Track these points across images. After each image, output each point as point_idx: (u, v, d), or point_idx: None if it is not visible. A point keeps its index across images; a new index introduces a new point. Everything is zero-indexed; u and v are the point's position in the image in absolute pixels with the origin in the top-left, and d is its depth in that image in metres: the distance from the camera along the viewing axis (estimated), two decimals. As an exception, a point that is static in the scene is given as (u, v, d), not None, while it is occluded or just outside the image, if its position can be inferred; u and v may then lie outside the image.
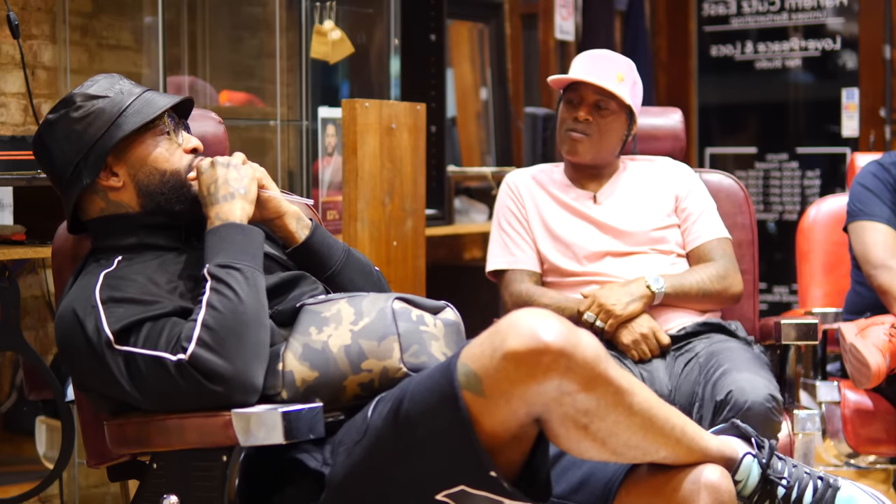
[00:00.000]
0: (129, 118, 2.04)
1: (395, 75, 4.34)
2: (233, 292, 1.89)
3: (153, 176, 2.07)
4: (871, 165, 3.26)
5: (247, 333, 1.87)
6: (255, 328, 1.89)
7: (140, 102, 2.06)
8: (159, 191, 2.07)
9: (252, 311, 1.89)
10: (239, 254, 1.95)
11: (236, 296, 1.89)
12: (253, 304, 1.90)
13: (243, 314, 1.88)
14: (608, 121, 2.92)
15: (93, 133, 2.03)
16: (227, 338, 1.86)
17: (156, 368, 1.88)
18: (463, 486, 1.73)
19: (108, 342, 1.89)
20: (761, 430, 2.41)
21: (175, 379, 1.86)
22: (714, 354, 2.67)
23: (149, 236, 2.07)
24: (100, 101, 2.04)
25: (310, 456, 1.90)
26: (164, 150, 2.08)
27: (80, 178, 2.04)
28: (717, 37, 5.90)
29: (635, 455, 1.79)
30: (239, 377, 1.85)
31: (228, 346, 1.85)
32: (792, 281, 5.44)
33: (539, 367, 1.65)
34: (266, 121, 4.11)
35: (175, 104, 2.11)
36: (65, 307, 1.96)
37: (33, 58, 3.49)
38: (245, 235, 1.99)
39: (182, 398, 1.88)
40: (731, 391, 2.46)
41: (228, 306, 1.88)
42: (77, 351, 1.93)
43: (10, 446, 3.56)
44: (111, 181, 2.06)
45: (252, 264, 1.95)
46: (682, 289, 2.82)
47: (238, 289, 1.90)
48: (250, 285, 1.92)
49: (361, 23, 4.43)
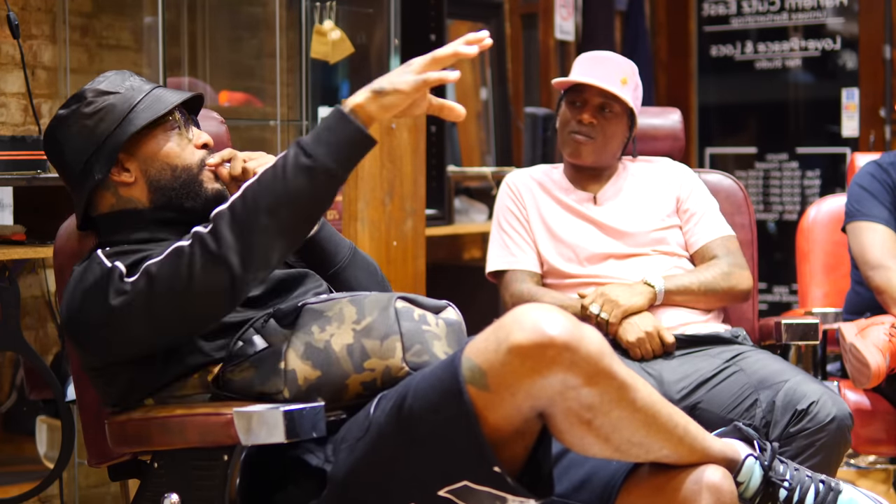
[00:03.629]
0: (141, 113, 2.04)
1: (395, 75, 4.33)
2: (283, 172, 1.83)
3: (164, 171, 2.07)
4: (869, 166, 3.26)
5: (269, 216, 1.83)
6: (280, 215, 1.84)
7: (151, 98, 2.06)
8: (170, 186, 2.07)
9: (286, 196, 1.83)
10: (324, 145, 1.84)
11: (284, 175, 1.83)
12: (297, 190, 1.83)
13: (277, 195, 1.83)
14: (612, 124, 2.92)
15: (104, 128, 2.03)
16: (251, 211, 1.83)
17: (172, 260, 1.86)
18: (466, 482, 1.73)
19: (121, 274, 1.90)
20: (836, 446, 2.43)
21: (183, 259, 1.84)
22: (760, 362, 2.64)
23: (157, 231, 2.07)
24: (111, 96, 2.05)
25: (312, 454, 1.90)
26: (175, 145, 2.08)
27: (92, 174, 2.04)
28: (717, 37, 5.90)
29: (637, 453, 1.79)
30: (239, 260, 1.84)
31: (246, 221, 1.83)
32: (792, 281, 5.44)
33: (543, 360, 1.65)
34: (266, 121, 4.11)
35: (185, 101, 2.11)
36: (72, 286, 1.96)
37: (33, 58, 3.50)
38: (343, 127, 1.84)
39: (185, 300, 1.86)
40: (814, 402, 2.44)
41: (270, 183, 1.83)
42: (88, 314, 1.92)
43: (10, 446, 3.56)
44: (123, 176, 2.06)
45: (328, 163, 1.83)
46: (685, 287, 2.81)
47: (290, 171, 1.82)
48: (307, 176, 1.82)
49: (361, 23, 4.43)
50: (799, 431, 2.44)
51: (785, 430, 2.46)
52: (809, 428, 2.43)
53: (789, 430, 2.45)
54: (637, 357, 2.75)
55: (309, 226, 1.92)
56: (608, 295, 2.76)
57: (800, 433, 2.44)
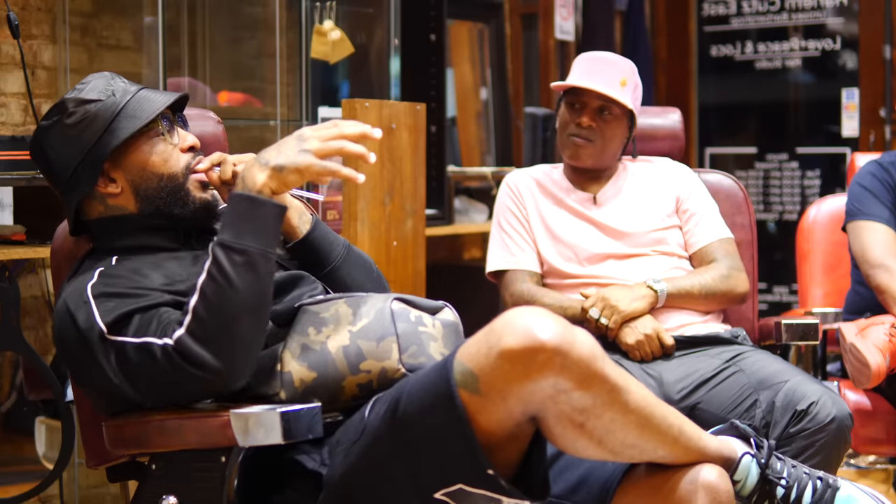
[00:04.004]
0: (123, 123, 2.02)
1: (395, 75, 4.34)
2: (225, 279, 1.83)
3: (150, 181, 2.05)
4: (869, 165, 3.26)
5: (235, 325, 1.83)
6: (245, 318, 1.84)
7: (133, 105, 2.04)
8: (157, 195, 2.06)
9: (245, 300, 1.83)
10: (248, 233, 1.86)
11: (229, 283, 1.83)
12: (248, 291, 1.83)
13: (235, 303, 1.83)
14: (611, 126, 2.92)
15: (87, 139, 2.02)
16: (214, 328, 1.82)
17: (143, 355, 1.85)
18: (461, 485, 1.73)
19: (101, 334, 1.88)
20: (836, 446, 2.42)
21: (161, 364, 1.83)
22: (760, 362, 2.64)
23: (147, 238, 2.07)
24: (93, 105, 2.02)
25: (308, 457, 1.90)
26: (159, 153, 2.06)
27: (79, 185, 2.03)
28: (717, 37, 5.90)
29: (632, 454, 1.79)
30: (220, 368, 1.82)
31: (214, 337, 1.82)
32: (792, 281, 5.44)
33: (535, 365, 1.65)
34: (266, 121, 4.11)
35: (170, 103, 2.09)
36: (60, 304, 1.96)
37: (33, 58, 3.50)
38: (258, 210, 1.86)
39: (170, 386, 1.86)
40: (814, 402, 2.44)
41: (220, 294, 1.82)
42: (71, 345, 1.93)
43: (10, 446, 3.56)
44: (109, 188, 2.05)
45: (258, 246, 1.85)
46: (686, 289, 2.82)
47: (233, 275, 1.83)
48: (249, 270, 1.84)
49: (361, 23, 4.43)
50: (799, 432, 2.44)
51: (785, 431, 2.46)
52: (809, 428, 2.43)
53: (789, 431, 2.45)
54: (637, 359, 2.75)
55: (268, 302, 1.89)
56: (609, 300, 2.76)
57: (800, 433, 2.44)
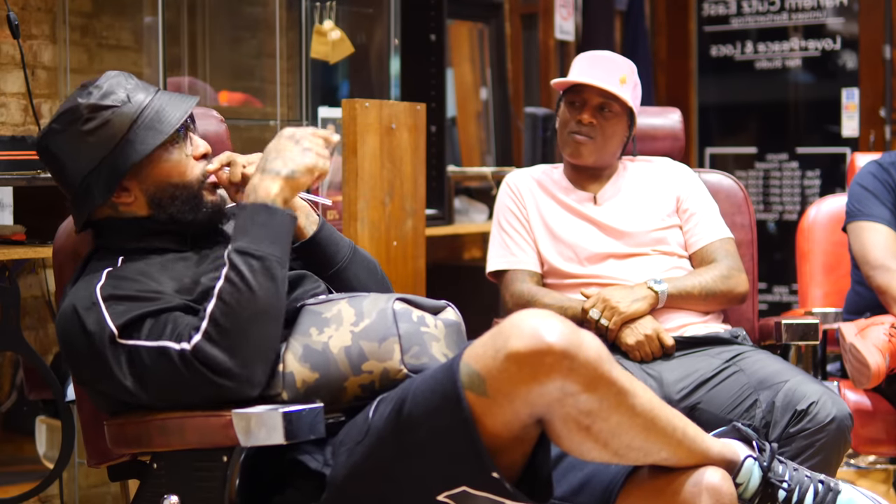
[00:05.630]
0: (142, 134, 2.00)
1: (395, 75, 4.34)
2: (245, 284, 1.86)
3: (165, 190, 2.04)
4: (869, 165, 3.26)
5: (254, 329, 1.85)
6: (264, 324, 1.86)
7: (150, 114, 2.01)
8: (170, 203, 2.05)
9: (264, 305, 1.86)
10: (265, 240, 1.90)
11: (248, 288, 1.86)
12: (267, 297, 1.87)
13: (254, 308, 1.85)
14: (611, 123, 2.92)
15: (102, 148, 1.99)
16: (233, 333, 1.84)
17: (159, 359, 1.86)
18: (464, 487, 1.73)
19: (112, 337, 1.88)
20: (836, 446, 2.42)
21: (178, 369, 1.85)
22: (760, 362, 2.64)
23: (155, 239, 2.07)
24: (107, 112, 1.99)
25: (311, 457, 1.90)
26: (175, 163, 2.04)
27: (91, 193, 2.01)
28: (717, 37, 5.90)
29: (637, 457, 1.79)
30: (241, 374, 1.84)
31: (233, 342, 1.84)
32: (792, 281, 5.44)
33: (542, 367, 1.65)
34: (266, 121, 4.11)
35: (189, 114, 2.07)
36: (66, 305, 1.95)
37: (33, 58, 3.50)
38: (274, 219, 1.92)
39: (185, 391, 1.87)
40: (814, 402, 2.44)
41: (239, 299, 1.85)
42: (78, 348, 1.92)
43: (10, 446, 3.56)
44: (123, 198, 2.04)
45: (275, 253, 1.90)
46: (686, 290, 2.81)
47: (252, 280, 1.86)
48: (268, 276, 1.88)
49: (361, 23, 4.43)
50: (799, 432, 2.44)
51: (785, 431, 2.46)
52: (809, 428, 2.43)
53: (789, 431, 2.45)
54: (637, 359, 2.75)
55: (283, 308, 1.92)
56: (609, 301, 2.76)
57: (799, 433, 2.44)
